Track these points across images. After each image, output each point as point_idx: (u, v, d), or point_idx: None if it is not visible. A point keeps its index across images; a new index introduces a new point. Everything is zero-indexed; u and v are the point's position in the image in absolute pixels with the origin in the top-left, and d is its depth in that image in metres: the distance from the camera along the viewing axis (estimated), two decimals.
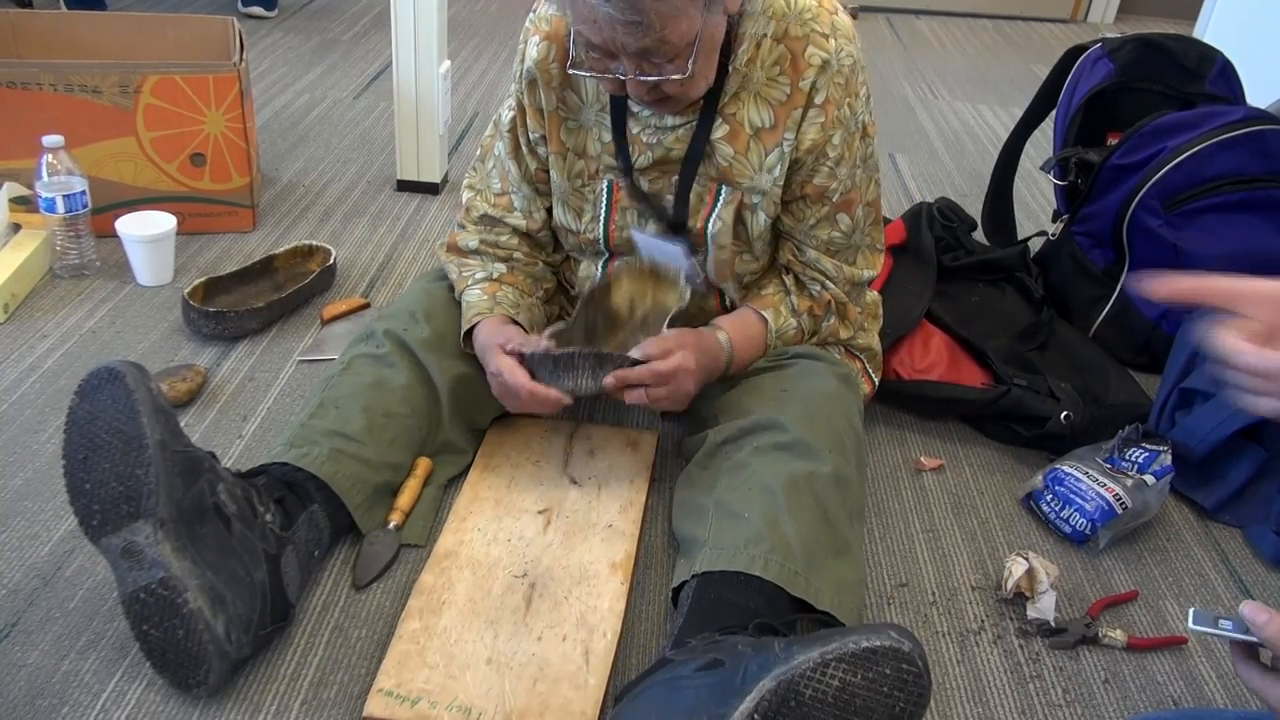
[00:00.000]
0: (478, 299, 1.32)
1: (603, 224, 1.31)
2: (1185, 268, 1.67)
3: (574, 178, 1.31)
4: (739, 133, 1.22)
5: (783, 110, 1.21)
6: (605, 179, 1.29)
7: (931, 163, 2.57)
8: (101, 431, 0.99)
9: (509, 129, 1.33)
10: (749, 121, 1.22)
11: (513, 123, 1.33)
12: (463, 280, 1.36)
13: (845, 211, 1.29)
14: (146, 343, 1.58)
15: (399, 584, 1.18)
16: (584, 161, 1.29)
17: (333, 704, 1.04)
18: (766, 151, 1.22)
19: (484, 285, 1.34)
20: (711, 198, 1.26)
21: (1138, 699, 1.14)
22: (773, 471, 1.14)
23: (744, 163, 1.23)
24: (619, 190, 1.29)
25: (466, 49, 3.16)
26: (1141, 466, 1.37)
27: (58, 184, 1.65)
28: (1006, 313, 1.75)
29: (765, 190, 1.25)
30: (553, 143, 1.29)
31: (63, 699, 1.02)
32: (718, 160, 1.24)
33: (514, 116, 1.32)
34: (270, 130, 2.40)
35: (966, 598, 1.25)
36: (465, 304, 1.34)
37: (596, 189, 1.30)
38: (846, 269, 1.32)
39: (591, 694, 1.02)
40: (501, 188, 1.37)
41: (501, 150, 1.36)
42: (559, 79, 1.26)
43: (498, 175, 1.37)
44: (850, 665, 0.86)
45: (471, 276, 1.35)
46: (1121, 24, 4.14)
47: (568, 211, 1.33)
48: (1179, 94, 1.85)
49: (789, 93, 1.20)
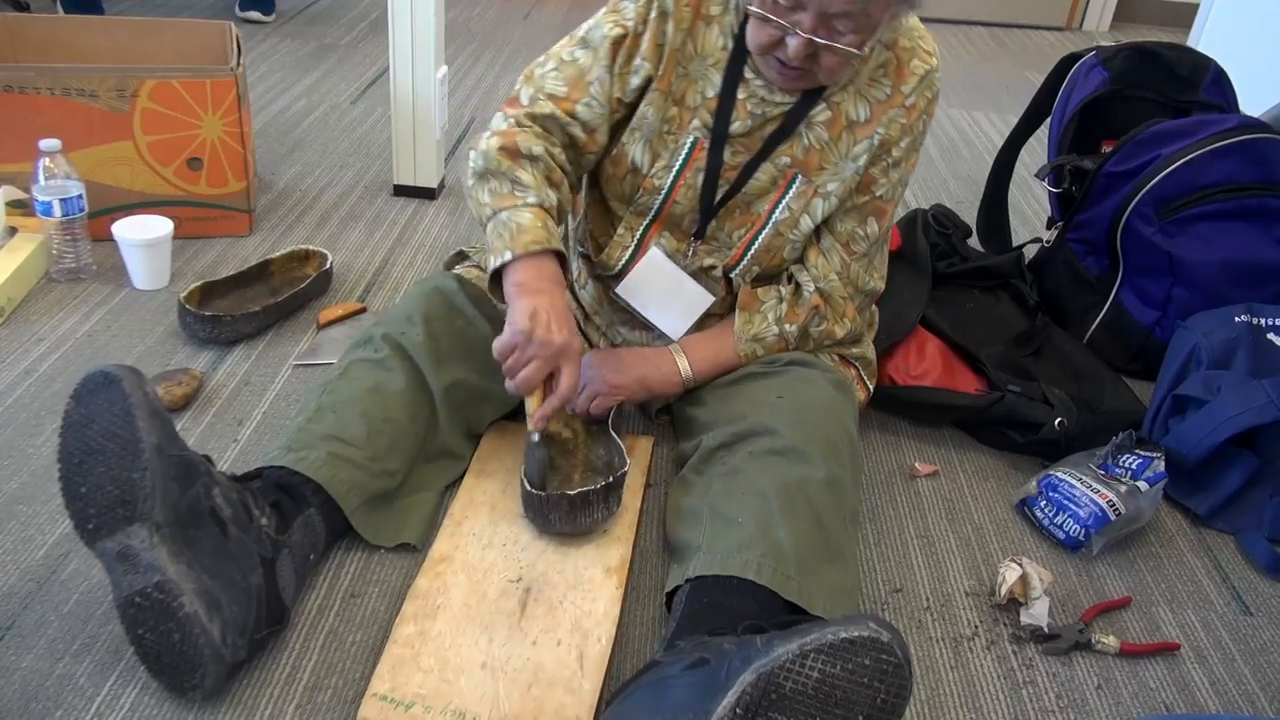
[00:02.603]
0: (530, 222, 1.18)
1: (673, 175, 1.30)
2: (1179, 275, 1.69)
3: (665, 120, 1.28)
4: (837, 120, 1.26)
5: (880, 109, 1.26)
6: (692, 134, 1.28)
7: (927, 169, 2.58)
8: (97, 435, 0.99)
9: (612, 41, 1.24)
10: (847, 113, 1.26)
11: (618, 39, 1.24)
12: (510, 196, 1.20)
13: (876, 217, 1.33)
14: (143, 346, 1.58)
15: (394, 588, 1.18)
16: (678, 109, 1.28)
17: (327, 708, 1.04)
18: (856, 142, 1.27)
19: (536, 210, 1.19)
20: (785, 184, 1.29)
21: (1130, 705, 1.14)
22: (766, 477, 1.14)
23: (832, 150, 1.27)
24: (700, 150, 1.28)
25: (464, 54, 3.16)
26: (1135, 473, 1.37)
27: (54, 188, 1.65)
28: (1001, 319, 1.76)
29: (845, 179, 1.29)
30: (663, 80, 1.26)
31: (57, 703, 1.01)
32: (807, 142, 1.27)
33: (621, 34, 1.24)
34: (267, 135, 2.40)
35: (960, 603, 1.25)
36: (511, 223, 1.18)
37: (680, 140, 1.28)
38: (854, 268, 1.34)
39: (586, 699, 1.02)
40: (568, 93, 1.26)
41: (584, 59, 1.26)
42: (688, 22, 1.24)
43: (565, 80, 1.26)
44: (829, 656, 0.86)
45: (525, 196, 1.20)
46: (1116, 32, 4.16)
47: (646, 151, 1.29)
48: (1173, 102, 1.86)
49: (889, 93, 1.26)
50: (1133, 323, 1.74)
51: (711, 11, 1.24)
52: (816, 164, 1.28)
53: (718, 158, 1.28)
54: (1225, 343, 1.51)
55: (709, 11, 1.24)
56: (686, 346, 1.37)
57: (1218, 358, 1.50)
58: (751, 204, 1.31)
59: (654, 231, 1.35)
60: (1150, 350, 1.71)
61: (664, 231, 1.35)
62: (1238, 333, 1.52)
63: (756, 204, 1.31)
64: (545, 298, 1.15)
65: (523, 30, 3.47)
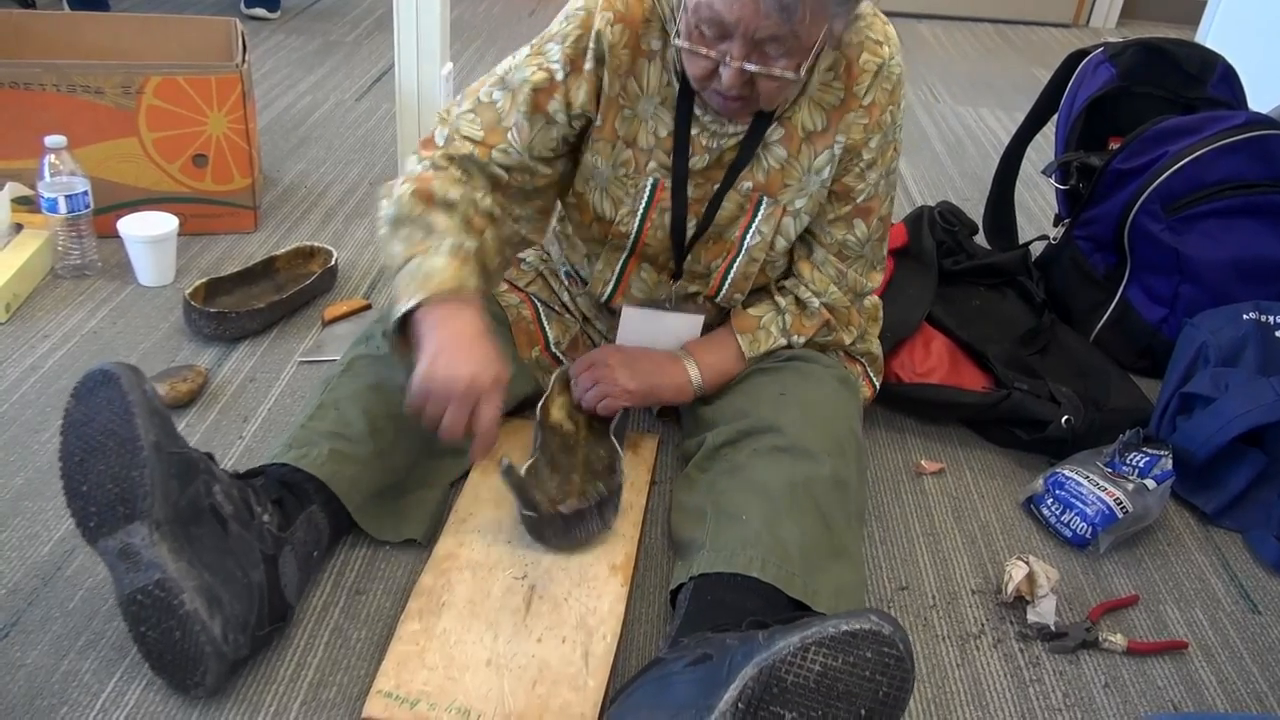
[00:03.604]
0: (443, 267, 1.10)
1: (639, 219, 1.27)
2: (1186, 273, 1.69)
3: (618, 166, 1.25)
4: (793, 135, 1.22)
5: (836, 114, 1.21)
6: (651, 177, 1.24)
7: (933, 166, 2.57)
8: (96, 434, 0.99)
9: (532, 88, 1.18)
10: (802, 125, 1.21)
11: (541, 86, 1.19)
12: (423, 243, 1.12)
13: (863, 218, 1.28)
14: (148, 343, 1.58)
15: (399, 585, 1.18)
16: (631, 152, 1.24)
17: (332, 705, 1.04)
18: (817, 153, 1.22)
19: (450, 256, 1.12)
20: (751, 208, 1.25)
21: (1138, 703, 1.13)
22: (771, 474, 1.14)
23: (794, 165, 1.23)
24: (662, 190, 1.25)
25: (469, 51, 3.16)
26: (1142, 471, 1.37)
27: (60, 184, 1.65)
28: (1007, 316, 1.75)
29: (812, 193, 1.25)
30: (605, 129, 1.22)
31: (62, 699, 1.02)
32: (767, 164, 1.23)
33: (545, 79, 1.18)
34: (272, 131, 2.40)
35: (967, 601, 1.25)
36: (421, 270, 1.10)
37: (640, 184, 1.25)
38: (851, 275, 1.32)
39: (591, 696, 1.02)
40: (484, 138, 1.20)
41: (503, 102, 1.20)
42: (626, 65, 1.19)
43: (482, 124, 1.21)
44: (830, 649, 0.86)
45: (439, 241, 1.13)
46: (1124, 28, 4.14)
47: (605, 199, 1.27)
48: (1181, 99, 1.85)
49: (843, 97, 1.20)
50: (1140, 320, 1.74)
51: (652, 47, 1.18)
52: (779, 183, 1.24)
53: (682, 197, 1.25)
54: (1233, 340, 1.51)
55: (649, 47, 1.18)
56: (697, 356, 1.34)
57: (1225, 355, 1.50)
58: (723, 233, 1.28)
59: (632, 266, 1.33)
60: (1157, 348, 1.71)
61: (642, 264, 1.33)
62: (1246, 330, 1.51)
63: (728, 232, 1.28)
64: (447, 328, 1.07)
65: (528, 27, 3.46)
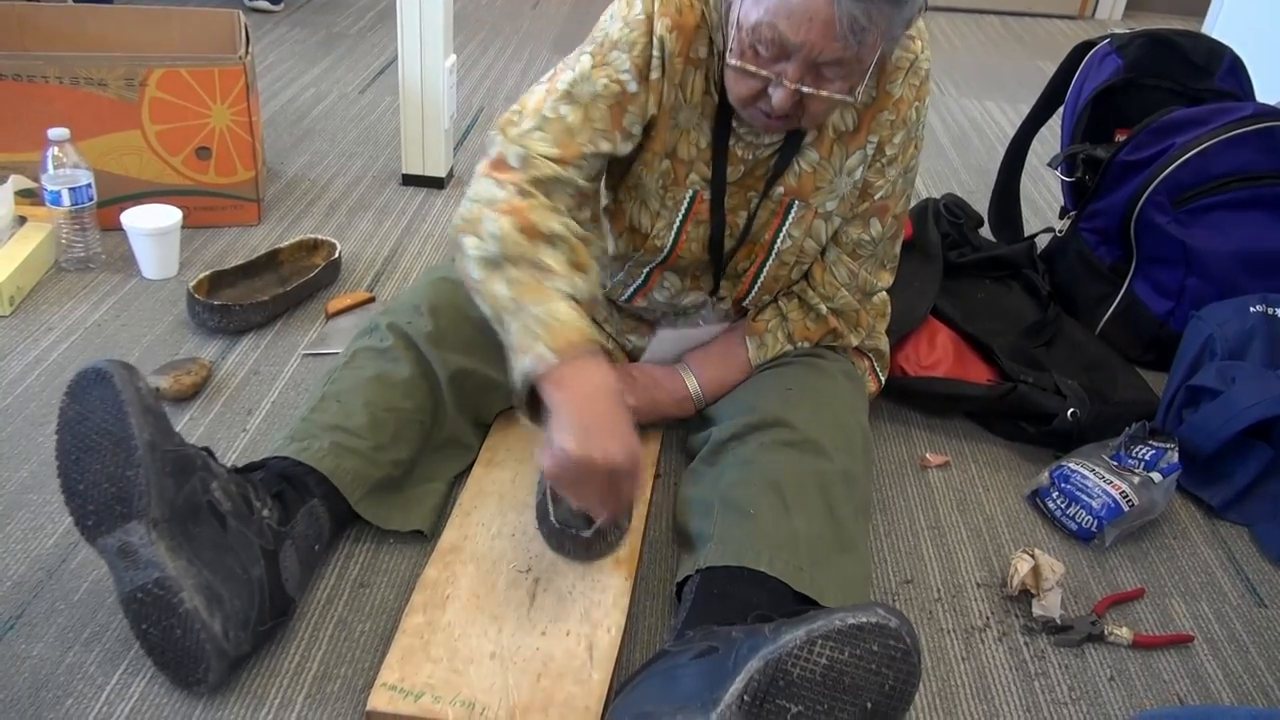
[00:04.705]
0: (569, 316, 1.00)
1: (674, 233, 1.25)
2: (1193, 265, 1.68)
3: (660, 176, 1.22)
4: (824, 137, 1.20)
5: (868, 114, 1.19)
6: (691, 189, 1.22)
7: (938, 159, 2.57)
8: (91, 432, 0.99)
9: (608, 104, 1.12)
10: (834, 126, 1.19)
11: (616, 100, 1.12)
12: (538, 287, 1.02)
13: (879, 216, 1.27)
14: (151, 336, 1.58)
15: (403, 578, 1.18)
16: (672, 163, 1.20)
17: (336, 698, 1.04)
18: (849, 154, 1.21)
19: (568, 296, 1.03)
20: (781, 212, 1.24)
21: (1143, 696, 1.13)
22: (779, 468, 1.14)
23: (826, 168, 1.21)
24: (701, 202, 1.22)
25: (473, 43, 3.15)
26: (1148, 464, 1.36)
27: (63, 177, 1.65)
28: (1013, 309, 1.75)
29: (843, 195, 1.23)
30: (656, 142, 1.18)
31: (67, 691, 1.02)
32: (799, 168, 1.21)
33: (617, 92, 1.12)
34: (276, 124, 2.40)
35: (972, 595, 1.25)
36: (547, 318, 0.99)
37: (679, 195, 1.22)
38: (863, 275, 1.31)
39: (595, 689, 1.02)
40: (560, 154, 1.11)
41: (573, 117, 1.12)
42: (679, 74, 1.15)
43: (553, 140, 1.11)
44: (837, 642, 0.86)
45: (555, 283, 1.03)
46: (1130, 20, 4.12)
47: (644, 212, 1.24)
48: (1187, 90, 1.84)
49: (874, 95, 1.18)
50: (1146, 313, 1.73)
51: (700, 55, 1.15)
52: (811, 186, 1.23)
53: (720, 211, 1.23)
54: (1240, 333, 1.50)
55: (697, 55, 1.15)
56: (697, 369, 1.34)
57: (1232, 348, 1.49)
58: (754, 237, 1.28)
59: (659, 273, 1.32)
60: (1164, 341, 1.70)
61: (667, 272, 1.32)
62: (1253, 323, 1.51)
63: (758, 236, 1.27)
64: (582, 392, 0.98)
65: (531, 19, 3.46)
